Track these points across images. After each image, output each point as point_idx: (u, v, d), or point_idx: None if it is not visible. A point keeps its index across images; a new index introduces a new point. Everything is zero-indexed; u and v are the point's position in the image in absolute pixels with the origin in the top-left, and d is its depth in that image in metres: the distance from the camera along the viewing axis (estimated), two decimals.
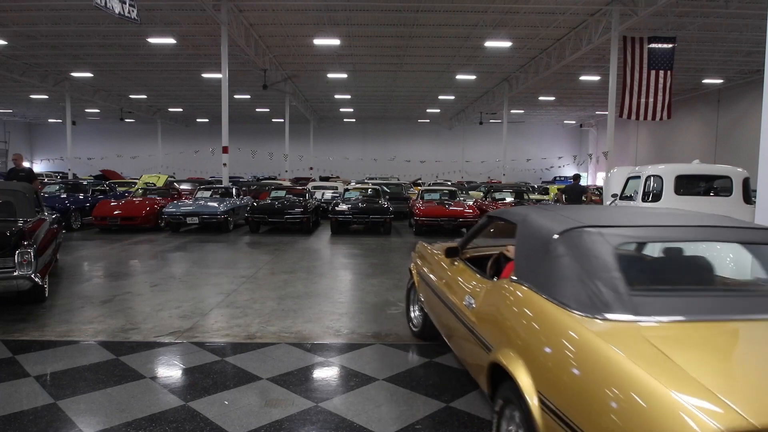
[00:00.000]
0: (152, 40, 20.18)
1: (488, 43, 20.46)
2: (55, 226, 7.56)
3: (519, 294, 2.62)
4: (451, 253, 3.93)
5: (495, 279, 3.17)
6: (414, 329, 5.01)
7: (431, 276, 4.19)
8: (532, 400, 2.13)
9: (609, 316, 2.09)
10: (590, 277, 2.25)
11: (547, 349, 2.18)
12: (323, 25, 18.98)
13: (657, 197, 7.27)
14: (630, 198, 7.72)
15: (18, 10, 17.44)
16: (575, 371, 1.96)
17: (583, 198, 12.81)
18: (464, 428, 3.24)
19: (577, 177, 13.88)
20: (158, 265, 8.86)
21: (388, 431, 3.19)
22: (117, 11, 9.82)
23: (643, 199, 7.39)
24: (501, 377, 2.49)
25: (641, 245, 3.38)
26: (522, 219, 3.01)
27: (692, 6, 16.39)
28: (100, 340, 4.79)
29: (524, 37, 20.30)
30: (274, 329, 5.22)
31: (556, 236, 2.54)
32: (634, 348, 1.85)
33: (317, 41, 20.35)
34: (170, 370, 4.17)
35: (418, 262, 4.78)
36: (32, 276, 5.34)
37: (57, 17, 18.18)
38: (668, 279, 2.77)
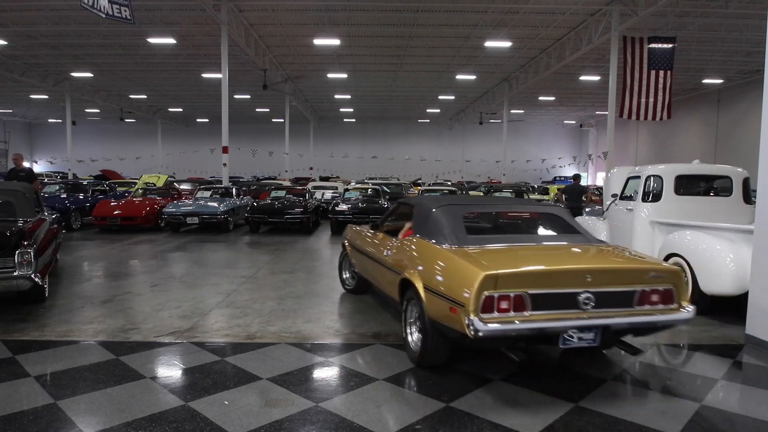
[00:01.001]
0: (152, 40, 20.19)
1: (488, 43, 20.47)
2: (55, 226, 7.56)
3: (416, 242, 4.71)
4: (374, 227, 6.24)
5: (401, 238, 5.14)
6: (347, 287, 6.91)
7: (362, 245, 6.11)
8: (421, 288, 4.12)
9: (455, 246, 4.21)
10: (449, 229, 4.43)
11: (429, 264, 4.24)
12: (323, 25, 18.99)
13: (657, 197, 7.27)
14: (630, 198, 7.71)
15: (18, 10, 17.45)
16: (439, 268, 4.05)
17: (583, 198, 12.79)
18: (464, 428, 3.24)
19: (577, 177, 13.87)
20: (158, 265, 8.86)
21: (388, 431, 3.19)
22: (105, 12, 9.64)
23: (643, 199, 7.38)
24: (406, 286, 4.51)
25: (479, 214, 6.20)
26: (417, 202, 5.30)
27: (692, 6, 16.39)
28: (100, 340, 4.79)
29: (524, 37, 20.30)
30: (274, 329, 5.22)
31: (434, 210, 4.74)
32: (463, 255, 3.95)
33: (317, 41, 20.36)
34: (170, 370, 4.17)
35: (349, 239, 6.74)
36: (32, 276, 5.34)
37: (57, 17, 18.19)
38: (484, 231, 5.60)
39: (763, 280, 4.86)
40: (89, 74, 27.14)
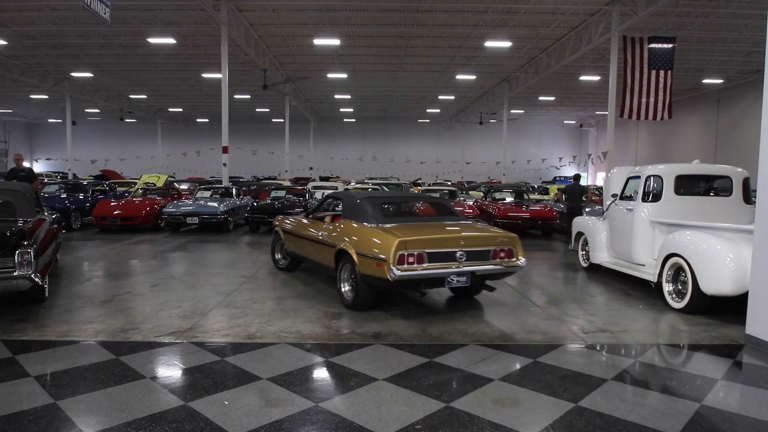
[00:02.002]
0: (152, 40, 20.18)
1: (488, 43, 20.46)
2: (55, 226, 7.56)
3: (346, 223, 6.47)
4: (307, 216, 7.83)
5: (334, 222, 6.88)
6: (281, 266, 8.38)
7: (297, 230, 7.59)
8: (354, 255, 5.74)
9: (374, 224, 5.98)
10: (371, 214, 6.20)
11: (360, 237, 5.89)
12: (323, 25, 18.98)
13: (657, 197, 7.26)
14: (630, 198, 7.71)
15: (18, 10, 17.44)
16: (368, 239, 5.73)
17: (584, 198, 12.79)
18: (464, 428, 3.24)
19: (577, 177, 13.88)
20: (158, 265, 8.86)
21: (388, 431, 3.19)
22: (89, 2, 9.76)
23: (643, 199, 7.37)
24: (340, 256, 6.16)
25: (390, 203, 8.01)
26: (344, 196, 7.23)
27: (692, 6, 16.39)
28: (100, 340, 4.79)
29: (524, 37, 20.30)
30: (274, 329, 5.22)
31: (359, 201, 6.53)
32: (383, 230, 5.74)
33: (317, 41, 20.36)
34: (170, 370, 4.18)
35: (282, 227, 8.18)
36: (32, 276, 5.33)
37: (57, 17, 18.18)
38: (395, 215, 7.38)
39: (763, 280, 4.86)
40: (89, 74, 27.13)
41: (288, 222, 8.06)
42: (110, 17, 10.59)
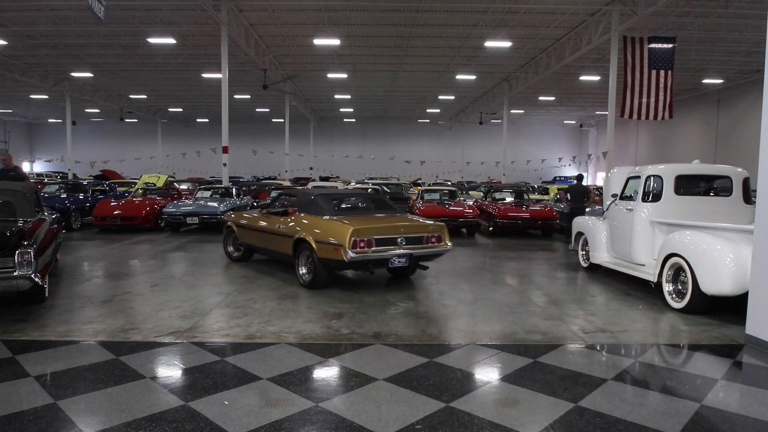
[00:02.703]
0: (152, 40, 20.18)
1: (488, 43, 20.46)
2: (55, 226, 7.56)
3: (304, 216, 7.48)
4: (261, 211, 8.78)
5: (290, 216, 7.77)
6: (234, 257, 9.20)
7: (253, 224, 8.51)
8: (313, 242, 6.87)
9: (329, 217, 7.24)
10: (323, 207, 7.46)
11: (318, 228, 7.00)
12: (323, 25, 18.99)
13: (657, 197, 7.26)
14: (630, 198, 7.71)
15: (18, 10, 17.44)
16: (325, 229, 6.89)
17: (586, 198, 12.79)
18: (464, 428, 3.24)
19: (580, 177, 13.89)
20: (158, 265, 8.86)
21: (388, 431, 3.19)
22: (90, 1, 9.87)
23: (643, 199, 7.37)
24: (298, 244, 7.19)
25: (339, 199, 8.58)
26: (299, 193, 8.78)
27: (692, 6, 16.39)
28: (100, 340, 4.79)
29: (524, 37, 20.30)
30: (274, 329, 5.22)
31: (313, 197, 7.74)
32: (338, 221, 6.97)
33: (317, 41, 20.36)
34: (170, 370, 4.18)
35: (236, 222, 8.95)
36: (32, 276, 5.33)
37: (57, 17, 18.18)
38: (345, 209, 8.30)
39: (763, 280, 4.86)
40: (89, 74, 27.13)
41: (241, 217, 8.96)
42: (103, 15, 10.66)
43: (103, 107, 36.71)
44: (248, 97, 32.47)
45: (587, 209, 11.81)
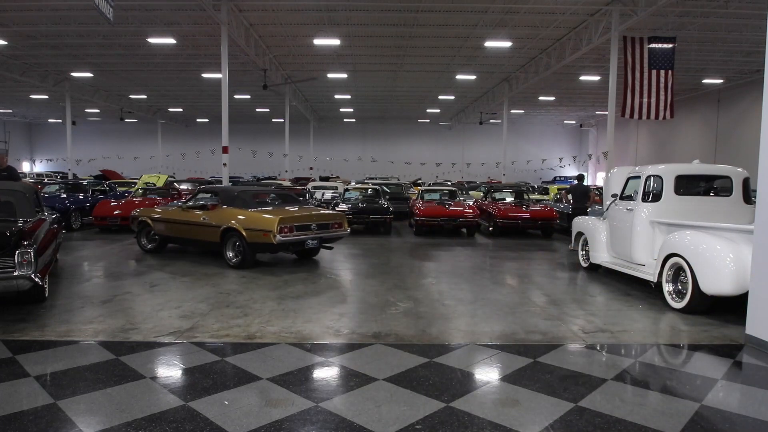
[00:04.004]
0: (152, 40, 20.17)
1: (488, 43, 20.46)
2: (55, 226, 7.56)
3: (229, 209, 8.86)
4: (181, 205, 9.77)
5: (215, 209, 8.99)
6: (148, 249, 10.02)
7: (173, 217, 9.51)
8: (243, 230, 8.36)
9: (254, 209, 8.74)
10: (245, 201, 8.99)
11: (246, 218, 8.48)
12: (323, 25, 18.98)
13: (657, 197, 7.26)
14: (630, 198, 7.71)
15: (18, 10, 17.44)
16: (253, 219, 8.41)
17: (587, 198, 12.80)
18: (464, 428, 3.24)
19: (580, 177, 13.90)
20: (158, 265, 8.86)
21: (388, 431, 3.19)
22: (98, 2, 9.88)
23: (643, 199, 7.37)
24: (226, 233, 8.59)
25: (258, 194, 10.20)
26: (220, 190, 9.93)
27: (692, 6, 16.38)
28: (100, 340, 4.79)
29: (524, 37, 20.30)
30: (274, 329, 5.22)
31: (237, 193, 9.29)
32: (262, 212, 8.59)
33: (317, 41, 20.35)
34: (170, 370, 4.17)
35: (151, 217, 9.89)
36: (32, 276, 5.33)
37: (57, 17, 18.18)
38: (265, 203, 9.87)
39: (763, 280, 4.86)
40: (89, 74, 27.12)
41: (156, 212, 9.99)
42: (112, 16, 10.68)
43: (103, 107, 36.70)
44: (248, 97, 32.46)
45: (588, 209, 11.82)
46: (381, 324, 5.44)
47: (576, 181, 13.66)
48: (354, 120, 46.12)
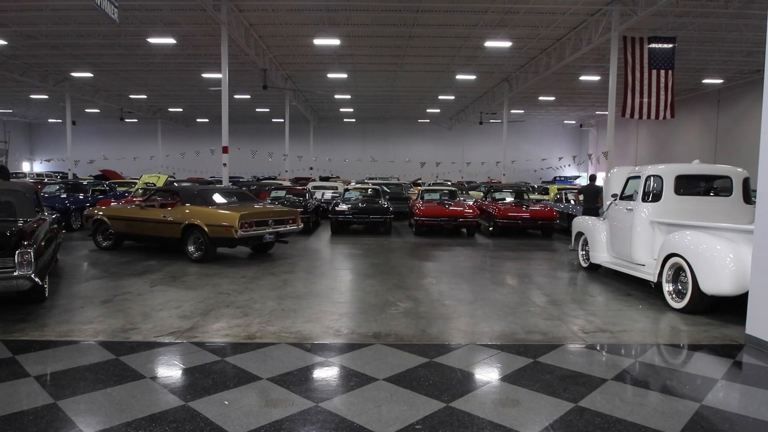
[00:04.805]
0: (152, 40, 20.18)
1: (488, 43, 20.46)
2: (55, 226, 7.56)
3: (191, 206, 9.33)
4: (142, 202, 10.22)
5: (177, 206, 9.43)
6: (103, 246, 10.31)
7: (129, 215, 9.92)
8: (205, 226, 8.90)
9: (215, 206, 9.44)
10: (207, 199, 9.62)
11: (207, 215, 9.01)
12: (323, 25, 18.98)
13: (657, 197, 7.26)
14: (630, 198, 7.71)
15: (18, 10, 17.43)
16: (215, 216, 8.96)
17: (598, 198, 12.78)
18: (464, 428, 3.24)
19: (593, 177, 13.87)
20: (158, 265, 8.86)
21: (388, 431, 3.19)
22: (99, 2, 9.89)
23: (643, 199, 7.37)
24: (187, 229, 9.07)
25: (218, 192, 10.25)
26: (180, 188, 10.36)
27: (692, 6, 16.38)
28: (100, 340, 4.79)
29: (524, 37, 20.29)
30: (274, 329, 5.22)
31: (196, 192, 9.81)
32: (223, 209, 9.29)
33: (317, 41, 20.35)
34: (170, 370, 4.17)
35: (108, 215, 10.22)
36: (32, 276, 5.33)
37: (57, 17, 18.18)
38: (221, 200, 9.95)
39: (763, 280, 4.86)
40: (89, 74, 27.12)
41: (113, 211, 10.44)
42: (117, 17, 10.69)
43: (103, 107, 36.69)
44: (248, 97, 32.46)
45: (600, 210, 11.81)
46: (381, 324, 5.44)
47: (589, 182, 13.62)
48: (354, 120, 46.11)
